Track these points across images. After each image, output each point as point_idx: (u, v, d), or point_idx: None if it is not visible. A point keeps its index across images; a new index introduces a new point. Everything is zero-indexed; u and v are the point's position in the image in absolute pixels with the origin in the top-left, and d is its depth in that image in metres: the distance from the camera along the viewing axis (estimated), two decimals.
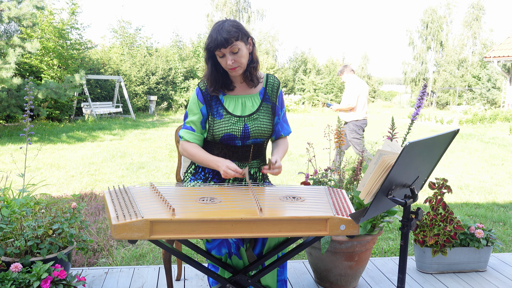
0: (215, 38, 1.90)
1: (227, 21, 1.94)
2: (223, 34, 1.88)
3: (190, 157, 2.06)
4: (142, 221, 1.46)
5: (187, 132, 2.07)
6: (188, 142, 2.06)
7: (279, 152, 2.09)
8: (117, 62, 18.05)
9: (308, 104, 24.81)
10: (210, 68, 2.02)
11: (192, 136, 2.06)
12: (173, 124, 13.55)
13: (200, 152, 2.02)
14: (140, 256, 3.18)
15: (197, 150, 2.03)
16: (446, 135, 1.55)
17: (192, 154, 2.03)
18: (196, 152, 2.02)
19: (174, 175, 3.85)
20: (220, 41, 1.88)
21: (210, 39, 1.92)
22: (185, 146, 2.07)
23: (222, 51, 1.91)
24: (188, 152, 2.05)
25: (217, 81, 2.02)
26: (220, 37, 1.88)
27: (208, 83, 2.04)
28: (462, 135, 11.17)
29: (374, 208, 1.46)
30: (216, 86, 2.03)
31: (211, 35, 1.93)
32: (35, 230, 2.27)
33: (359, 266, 2.52)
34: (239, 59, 1.94)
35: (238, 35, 1.91)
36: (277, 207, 1.69)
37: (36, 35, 13.07)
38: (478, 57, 27.92)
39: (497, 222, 4.25)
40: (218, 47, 1.90)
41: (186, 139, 2.06)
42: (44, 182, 5.40)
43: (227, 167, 1.88)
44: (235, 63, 1.94)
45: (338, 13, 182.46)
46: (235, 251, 1.87)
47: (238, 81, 2.08)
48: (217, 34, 1.90)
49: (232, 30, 1.90)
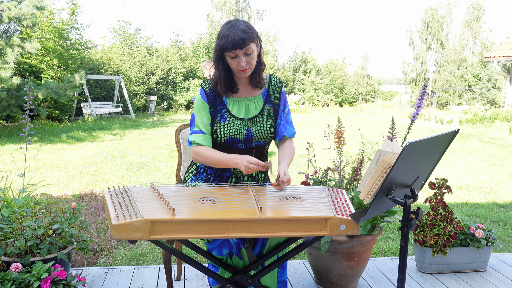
0: (232, 38, 1.84)
1: (239, 21, 1.90)
2: (239, 34, 1.84)
3: (205, 160, 1.97)
4: (142, 221, 1.46)
5: (198, 136, 1.99)
6: (200, 145, 1.98)
7: (285, 159, 2.00)
8: (117, 62, 18.05)
9: (308, 104, 24.82)
10: (222, 69, 1.96)
11: (202, 139, 1.99)
12: (173, 124, 13.54)
13: (215, 153, 1.95)
14: (140, 256, 3.18)
15: (211, 152, 1.96)
16: (446, 135, 1.55)
17: (207, 156, 1.95)
18: (210, 154, 1.95)
19: (174, 175, 3.85)
20: (238, 42, 1.83)
21: (226, 39, 1.85)
22: (197, 150, 1.98)
23: (237, 51, 1.87)
24: (202, 155, 1.96)
25: (226, 83, 1.98)
26: (238, 37, 1.83)
27: (219, 85, 1.98)
28: (462, 135, 11.17)
29: (374, 208, 1.46)
30: (225, 88, 1.99)
31: (226, 35, 1.86)
32: (35, 230, 2.27)
33: (359, 266, 2.52)
34: (251, 61, 1.91)
35: (253, 36, 1.88)
36: (277, 207, 1.69)
37: (36, 35, 13.08)
38: (478, 57, 27.92)
39: (497, 222, 4.25)
40: (235, 47, 1.85)
41: (198, 142, 1.98)
42: (44, 182, 5.40)
43: (248, 162, 1.81)
44: (247, 65, 1.90)
45: (338, 13, 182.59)
46: (236, 252, 1.86)
47: (243, 83, 2.04)
48: (233, 34, 1.84)
49: (247, 30, 1.86)
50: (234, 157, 1.89)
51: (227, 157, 1.91)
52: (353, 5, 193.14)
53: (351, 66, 33.61)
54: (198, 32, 38.25)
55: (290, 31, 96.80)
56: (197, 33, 28.51)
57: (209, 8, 34.48)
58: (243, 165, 1.82)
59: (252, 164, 1.81)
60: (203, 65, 5.75)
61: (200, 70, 20.25)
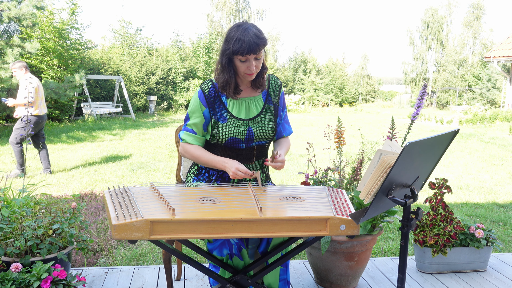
0: (248, 41, 1.83)
1: (250, 24, 1.90)
2: (254, 39, 1.83)
3: (193, 159, 2.04)
4: (142, 221, 1.46)
5: (188, 135, 2.04)
6: (190, 144, 2.04)
7: (282, 149, 2.09)
8: (117, 62, 18.05)
9: (308, 104, 24.81)
10: (231, 73, 1.95)
11: (193, 139, 2.04)
12: (173, 124, 13.54)
13: (204, 153, 2.00)
14: (140, 256, 3.18)
15: (201, 151, 2.01)
16: (446, 135, 1.55)
17: (196, 156, 2.01)
18: (200, 154, 2.00)
19: (174, 175, 3.85)
20: (253, 46, 1.83)
21: (241, 43, 1.84)
22: (186, 148, 2.05)
23: (250, 56, 1.87)
24: (191, 154, 2.03)
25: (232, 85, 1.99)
26: (254, 42, 1.83)
27: (227, 88, 1.99)
28: (462, 135, 11.17)
29: (374, 208, 1.46)
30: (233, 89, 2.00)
31: (241, 39, 1.84)
32: (35, 230, 2.27)
33: (359, 266, 2.52)
34: (259, 65, 1.93)
35: (266, 42, 1.90)
36: (277, 207, 1.69)
37: (36, 35, 13.07)
38: (478, 57, 27.93)
39: (497, 222, 4.25)
40: (250, 52, 1.84)
41: (188, 141, 2.04)
42: (44, 182, 5.40)
43: (236, 169, 1.87)
44: (256, 69, 1.93)
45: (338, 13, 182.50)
46: (236, 252, 1.87)
47: (245, 85, 2.06)
48: (249, 38, 1.83)
49: (260, 35, 1.87)
50: (223, 160, 1.94)
51: (216, 159, 1.96)
52: (353, 5, 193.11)
53: (351, 66, 33.56)
54: (198, 32, 38.30)
55: (290, 31, 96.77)
56: (197, 33, 28.56)
57: (209, 8, 34.51)
58: (232, 171, 1.88)
59: (240, 172, 1.87)
60: (11, 65, 5.70)
61: (200, 70, 20.28)
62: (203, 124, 2.04)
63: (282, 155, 1.95)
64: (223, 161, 1.93)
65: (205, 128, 2.05)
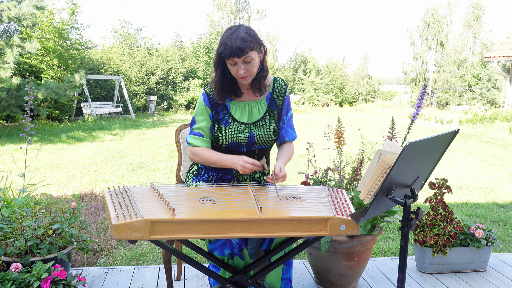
0: (230, 46, 1.82)
1: (241, 27, 1.88)
2: (237, 42, 1.81)
3: (202, 161, 2.01)
4: (142, 221, 1.46)
5: (196, 138, 2.03)
6: (197, 146, 2.02)
7: (283, 157, 2.04)
8: (117, 62, 18.05)
9: (308, 104, 24.81)
10: (219, 75, 1.95)
11: (200, 141, 2.02)
12: (173, 124, 13.54)
13: (213, 154, 1.99)
14: (140, 256, 3.18)
15: (209, 152, 2.00)
16: (446, 135, 1.55)
17: (205, 157, 1.99)
18: (208, 154, 1.99)
19: (174, 175, 3.85)
20: (235, 50, 1.82)
21: (224, 46, 1.84)
22: (195, 150, 2.02)
23: (236, 59, 1.85)
24: (200, 156, 2.01)
25: (225, 88, 1.98)
26: (235, 46, 1.81)
27: (216, 90, 1.99)
28: (462, 135, 11.17)
29: (374, 208, 1.46)
30: (224, 93, 1.98)
31: (224, 42, 1.84)
32: (35, 230, 2.27)
33: (359, 266, 2.52)
34: (250, 69, 1.90)
35: (253, 45, 1.86)
36: (277, 207, 1.69)
37: (36, 35, 13.07)
38: (478, 57, 27.92)
39: (497, 222, 4.25)
40: (232, 56, 1.83)
41: (195, 145, 2.02)
42: (44, 182, 5.40)
43: (244, 162, 1.86)
44: (247, 72, 1.90)
45: (338, 13, 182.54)
46: (237, 252, 1.87)
47: (246, 87, 2.04)
48: (231, 41, 1.82)
49: (247, 38, 1.84)
50: (231, 158, 1.93)
51: (225, 157, 1.95)
52: (353, 5, 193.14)
53: (351, 66, 33.60)
54: (199, 32, 38.28)
55: (290, 31, 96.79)
56: (197, 33, 28.54)
57: (210, 8, 34.53)
58: (240, 164, 1.87)
59: (248, 163, 1.86)
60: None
61: (200, 70, 20.28)
62: (210, 127, 2.03)
63: (283, 168, 1.91)
64: (232, 158, 1.93)
65: (212, 130, 2.04)
